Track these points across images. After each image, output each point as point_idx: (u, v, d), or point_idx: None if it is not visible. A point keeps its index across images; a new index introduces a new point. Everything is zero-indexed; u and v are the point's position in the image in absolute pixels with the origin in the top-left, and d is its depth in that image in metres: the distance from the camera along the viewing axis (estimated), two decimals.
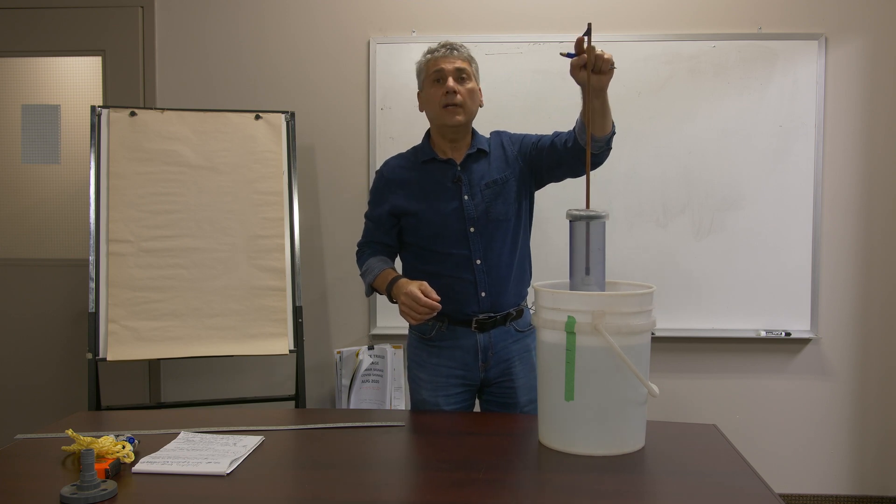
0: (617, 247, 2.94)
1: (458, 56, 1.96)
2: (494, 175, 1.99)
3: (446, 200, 1.96)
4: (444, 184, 1.98)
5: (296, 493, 1.31)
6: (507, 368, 2.00)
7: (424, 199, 1.97)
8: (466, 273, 1.94)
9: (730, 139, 2.96)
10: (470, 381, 2.01)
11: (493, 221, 1.96)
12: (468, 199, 1.96)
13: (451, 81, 1.93)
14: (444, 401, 1.99)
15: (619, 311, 1.51)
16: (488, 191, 1.97)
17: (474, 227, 1.95)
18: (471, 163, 1.99)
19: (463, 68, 1.95)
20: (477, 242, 1.95)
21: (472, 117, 2.00)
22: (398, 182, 2.01)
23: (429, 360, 2.01)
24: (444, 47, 1.97)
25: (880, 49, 2.96)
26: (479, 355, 1.98)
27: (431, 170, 2.00)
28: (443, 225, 1.95)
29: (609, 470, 1.45)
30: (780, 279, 2.97)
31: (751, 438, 3.02)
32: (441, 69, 1.94)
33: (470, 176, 1.98)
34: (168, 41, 3.13)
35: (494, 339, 1.98)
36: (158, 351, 2.65)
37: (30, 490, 1.34)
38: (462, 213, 1.95)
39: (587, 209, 1.66)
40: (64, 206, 3.23)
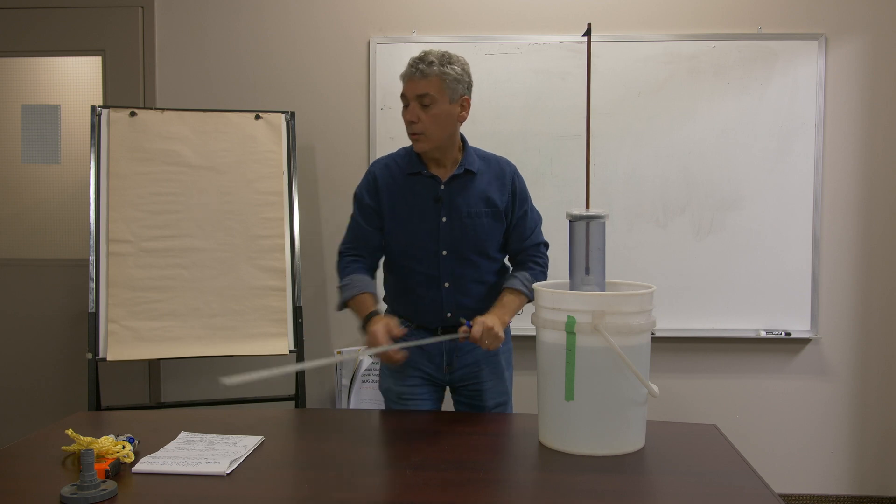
0: (617, 247, 2.94)
1: (423, 78, 1.81)
2: (477, 207, 1.91)
3: (423, 219, 1.90)
4: (425, 201, 1.90)
5: (296, 493, 1.31)
6: (474, 372, 2.00)
7: (403, 213, 1.91)
8: (433, 292, 1.92)
9: (730, 139, 2.96)
10: (435, 379, 2.02)
11: (468, 248, 1.91)
12: (445, 221, 1.89)
13: (411, 110, 1.83)
14: (409, 391, 1.99)
15: (619, 311, 1.51)
16: (469, 220, 1.90)
17: (447, 250, 1.90)
18: (456, 183, 1.90)
19: (425, 93, 1.81)
20: (447, 266, 1.90)
21: (441, 142, 1.87)
22: (385, 188, 1.94)
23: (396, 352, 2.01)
24: (412, 66, 1.84)
25: (880, 49, 2.96)
26: (443, 357, 1.99)
27: (415, 183, 1.91)
28: (415, 244, 1.91)
29: (609, 470, 1.45)
30: (780, 279, 2.97)
31: (751, 438, 3.02)
32: (403, 94, 1.86)
33: (452, 197, 1.90)
34: (168, 41, 3.13)
35: (460, 344, 1.97)
36: (158, 351, 2.64)
37: (30, 490, 1.34)
38: (437, 234, 1.89)
39: (587, 209, 1.66)
40: (64, 206, 3.23)
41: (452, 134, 1.90)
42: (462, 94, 1.87)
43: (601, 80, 2.95)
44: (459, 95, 1.86)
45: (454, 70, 1.84)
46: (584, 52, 1.89)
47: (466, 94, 1.88)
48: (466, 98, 1.88)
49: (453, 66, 1.84)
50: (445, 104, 1.84)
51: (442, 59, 1.83)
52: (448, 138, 1.89)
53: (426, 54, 1.84)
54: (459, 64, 1.86)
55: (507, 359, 2.06)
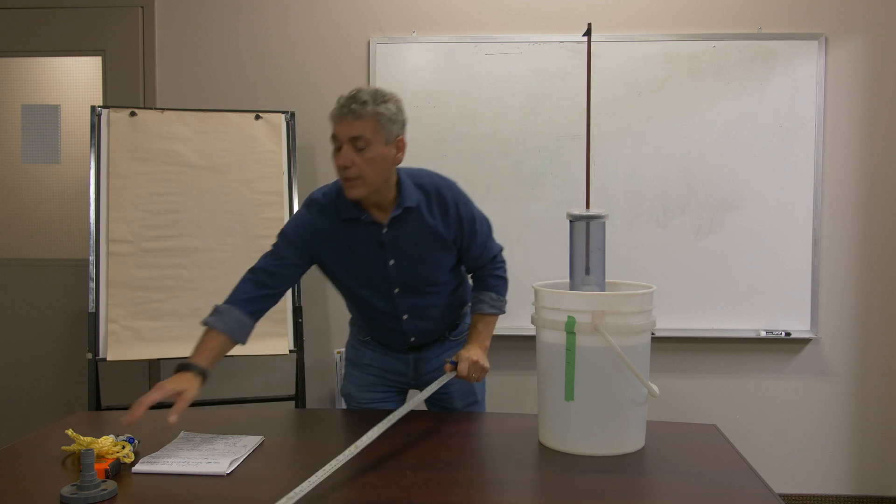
0: (617, 247, 2.94)
1: (356, 118, 1.64)
2: (425, 245, 1.80)
3: (370, 265, 1.81)
4: (368, 247, 1.79)
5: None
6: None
7: (347, 259, 1.81)
8: (393, 324, 1.90)
9: (730, 139, 2.96)
10: (401, 384, 2.03)
11: (419, 284, 1.85)
12: (393, 264, 1.80)
13: (344, 154, 1.65)
14: (369, 396, 2.00)
15: (619, 311, 1.51)
16: (416, 257, 1.81)
17: (399, 288, 1.84)
18: (398, 225, 1.77)
19: (359, 136, 1.64)
20: (402, 301, 1.86)
21: (378, 186, 1.71)
22: (323, 235, 1.80)
23: (361, 360, 2.02)
24: (343, 106, 1.65)
25: (880, 49, 2.96)
26: (410, 365, 2.00)
27: (355, 227, 1.78)
28: (367, 287, 1.84)
29: (609, 470, 1.45)
30: (780, 279, 2.97)
31: (751, 438, 3.02)
32: (335, 136, 1.68)
33: (396, 239, 1.78)
34: (168, 41, 3.13)
35: (426, 353, 1.99)
36: (158, 351, 2.64)
37: (30, 490, 1.34)
38: (387, 276, 1.81)
39: (587, 209, 1.66)
40: (64, 206, 3.23)
41: (389, 177, 1.74)
42: (397, 134, 1.71)
43: (601, 80, 2.95)
44: (395, 136, 1.70)
45: (388, 109, 1.68)
46: (584, 52, 1.89)
47: (402, 135, 1.73)
48: (402, 139, 1.73)
49: (387, 104, 1.68)
50: (381, 146, 1.67)
51: (375, 97, 1.67)
52: (384, 181, 1.73)
53: (358, 92, 1.66)
54: (394, 102, 1.70)
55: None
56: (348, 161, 1.65)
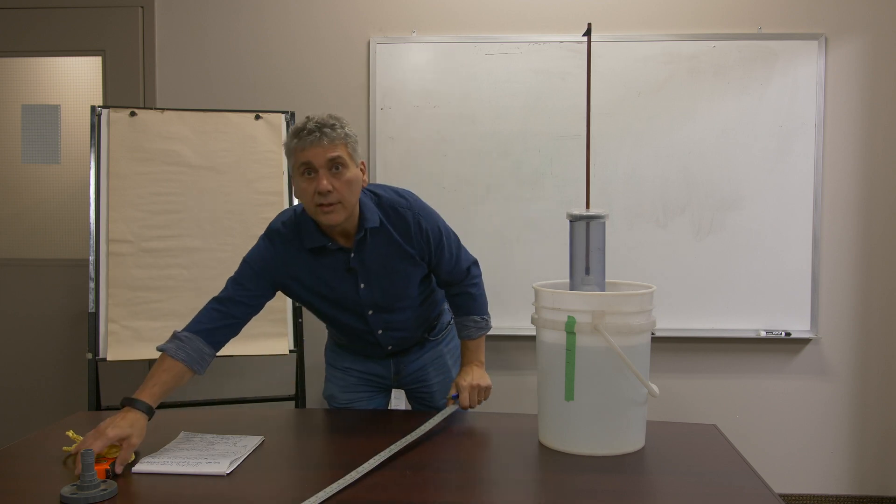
0: (617, 247, 2.94)
1: (330, 141, 1.60)
2: (393, 261, 1.78)
3: (340, 290, 1.78)
4: (337, 273, 1.77)
5: (296, 493, 1.31)
6: (420, 376, 2.03)
7: (316, 286, 1.78)
8: (369, 337, 1.91)
9: (730, 139, 2.96)
10: (382, 384, 2.05)
11: (391, 302, 1.83)
12: (364, 287, 1.78)
13: (324, 179, 1.60)
14: (353, 396, 2.02)
15: (619, 311, 1.51)
16: (385, 277, 1.79)
17: (372, 309, 1.83)
18: (363, 247, 1.74)
19: (337, 157, 1.61)
20: (376, 321, 1.86)
21: (353, 209, 1.68)
22: (287, 263, 1.76)
23: (342, 363, 2.04)
24: (311, 132, 1.60)
25: (880, 49, 2.96)
26: (390, 368, 2.02)
27: (321, 257, 1.75)
28: (339, 308, 1.83)
29: (609, 470, 1.45)
30: (780, 279, 2.97)
31: (751, 438, 3.02)
32: (308, 162, 1.61)
33: (363, 262, 1.75)
34: (168, 41, 3.13)
35: (406, 357, 2.01)
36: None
37: (30, 490, 1.34)
38: (358, 300, 1.80)
39: (587, 209, 1.66)
40: (64, 206, 3.23)
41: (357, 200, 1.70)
42: (360, 157, 1.71)
43: (601, 80, 2.95)
44: (360, 159, 1.70)
45: (352, 132, 1.67)
46: (584, 52, 1.89)
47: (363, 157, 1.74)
48: (363, 162, 1.72)
49: (349, 127, 1.67)
50: (354, 168, 1.65)
51: (339, 121, 1.65)
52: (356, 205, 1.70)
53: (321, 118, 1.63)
54: (350, 126, 1.69)
55: (452, 357, 2.07)
56: (329, 186, 1.60)
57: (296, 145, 1.62)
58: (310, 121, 1.63)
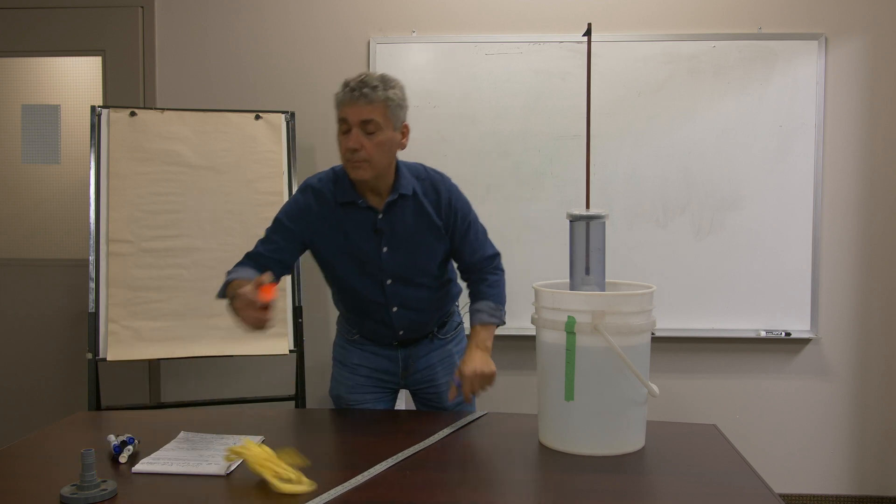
0: (617, 247, 2.94)
1: (367, 102, 1.66)
2: (419, 232, 1.82)
3: (363, 251, 1.81)
4: (363, 232, 1.80)
5: (295, 493, 1.31)
6: (429, 376, 2.00)
7: (341, 245, 1.81)
8: (383, 316, 1.89)
9: (730, 139, 2.96)
10: (391, 384, 2.02)
11: (411, 274, 1.84)
12: (387, 251, 1.81)
13: (354, 136, 1.67)
14: (360, 398, 1.99)
15: (619, 311, 1.51)
16: (410, 245, 1.82)
17: (392, 279, 1.84)
18: (393, 211, 1.79)
19: (370, 119, 1.66)
20: (394, 293, 1.86)
21: (383, 170, 1.75)
22: (318, 219, 1.81)
23: (350, 359, 2.01)
24: (353, 90, 1.66)
25: (880, 49, 2.96)
26: (399, 364, 1.99)
27: (351, 213, 1.80)
28: (357, 274, 1.83)
29: (609, 470, 1.45)
30: (780, 279, 2.97)
31: (751, 438, 3.02)
32: (345, 119, 1.69)
33: (391, 226, 1.80)
34: (168, 41, 3.13)
35: (415, 350, 1.99)
36: (158, 351, 2.64)
37: (30, 490, 1.34)
38: (379, 264, 1.82)
39: (587, 209, 1.66)
40: (64, 206, 3.23)
41: (392, 162, 1.77)
42: (403, 119, 1.74)
43: (601, 80, 2.95)
44: (401, 122, 1.74)
45: (396, 95, 1.70)
46: (584, 52, 1.89)
47: (406, 121, 1.76)
48: (406, 125, 1.76)
49: (395, 90, 1.70)
50: (389, 131, 1.70)
51: (385, 82, 1.69)
52: (388, 166, 1.76)
53: (367, 77, 1.68)
54: (400, 88, 1.72)
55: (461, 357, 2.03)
56: (358, 144, 1.67)
57: (339, 99, 1.71)
58: (358, 78, 1.69)
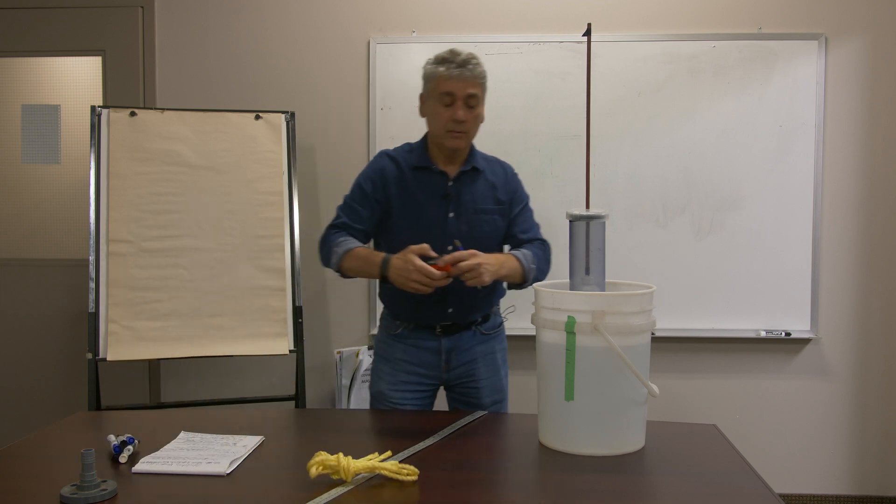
0: (617, 247, 2.94)
1: (471, 78, 1.83)
2: (485, 204, 1.94)
3: (432, 214, 1.91)
4: (433, 196, 1.92)
5: (296, 493, 1.31)
6: (470, 370, 2.01)
7: (410, 208, 1.92)
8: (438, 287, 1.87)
9: (730, 139, 2.96)
10: (432, 380, 2.02)
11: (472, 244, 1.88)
12: (453, 217, 1.92)
13: (461, 110, 1.83)
14: (399, 395, 2.00)
15: (619, 311, 1.51)
16: (476, 216, 1.93)
17: (453, 247, 1.86)
18: (463, 180, 1.94)
19: (474, 94, 1.85)
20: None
21: (473, 139, 1.95)
22: (393, 181, 1.94)
23: (394, 355, 2.02)
24: (459, 66, 1.82)
25: (880, 49, 2.96)
26: (441, 356, 2.00)
27: (423, 177, 1.93)
28: (424, 236, 1.86)
29: (609, 470, 1.45)
30: (780, 279, 2.97)
31: (751, 438, 3.02)
32: (453, 93, 1.83)
33: (460, 194, 1.93)
34: (168, 41, 3.13)
35: (458, 342, 2.00)
36: (158, 351, 2.64)
37: (30, 490, 1.34)
38: (444, 230, 1.90)
39: (587, 209, 1.66)
40: (64, 206, 3.23)
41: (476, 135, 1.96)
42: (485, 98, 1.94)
43: (601, 80, 2.95)
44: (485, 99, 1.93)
45: (485, 71, 1.90)
46: (584, 52, 1.89)
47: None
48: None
49: (483, 66, 1.89)
50: (482, 106, 1.90)
51: (478, 60, 1.87)
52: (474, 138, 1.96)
53: (467, 54, 1.85)
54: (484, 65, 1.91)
55: (502, 357, 2.09)
56: (465, 117, 1.83)
57: (441, 73, 1.83)
58: (456, 54, 1.83)
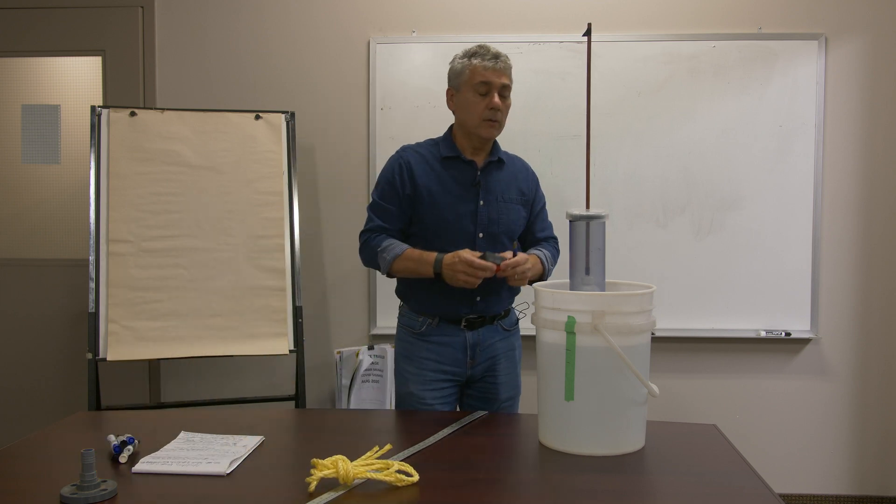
0: (617, 247, 2.94)
1: (505, 69, 1.93)
2: (511, 193, 2.02)
3: (463, 201, 1.97)
4: (462, 185, 1.97)
5: (296, 494, 1.31)
6: (492, 365, 2.05)
7: (440, 197, 1.96)
8: None
9: (730, 139, 2.96)
10: (457, 376, 2.04)
11: (501, 232, 1.99)
12: (483, 205, 1.97)
13: (497, 98, 1.91)
14: (430, 395, 2.01)
15: (619, 311, 1.51)
16: (503, 204, 2.00)
17: (483, 233, 1.97)
18: (491, 170, 2.01)
19: (507, 84, 1.94)
20: (483, 250, 1.95)
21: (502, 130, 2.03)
22: (420, 173, 1.97)
23: (418, 354, 2.03)
24: (493, 57, 1.91)
25: (880, 49, 2.96)
26: (467, 352, 2.02)
27: (452, 167, 1.99)
28: (455, 224, 1.95)
29: (609, 470, 1.45)
30: (780, 279, 2.97)
31: (751, 438, 3.02)
32: (489, 82, 1.91)
33: (488, 183, 1.99)
34: (168, 41, 3.13)
35: (483, 337, 2.02)
36: (158, 351, 2.64)
37: (30, 490, 1.34)
38: (475, 216, 1.97)
39: (587, 209, 1.66)
40: (64, 206, 3.23)
41: None
42: None
43: (601, 80, 2.95)
44: None
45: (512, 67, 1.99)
46: (584, 52, 1.89)
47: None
48: None
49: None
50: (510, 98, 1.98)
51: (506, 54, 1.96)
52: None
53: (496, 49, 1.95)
54: None
55: (519, 353, 2.14)
56: (501, 105, 1.91)
57: (477, 64, 1.92)
58: (488, 49, 1.93)
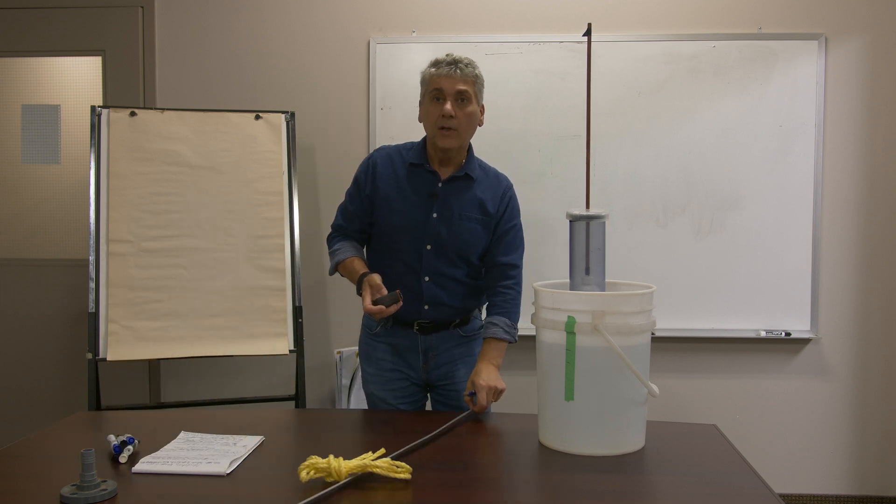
0: (617, 247, 2.94)
1: (462, 76, 1.87)
2: (471, 212, 1.94)
3: (417, 210, 1.93)
4: (420, 194, 1.93)
5: (296, 494, 1.31)
6: (449, 372, 2.03)
7: (396, 202, 1.94)
8: (413, 284, 1.94)
9: (730, 139, 2.96)
10: (414, 379, 2.04)
11: (452, 249, 1.94)
12: (436, 217, 1.92)
13: (450, 104, 1.86)
14: (392, 395, 2.02)
15: (619, 311, 1.51)
16: (459, 222, 1.93)
17: (431, 245, 1.92)
18: (454, 184, 1.94)
19: (464, 90, 1.87)
20: (429, 261, 1.93)
21: (467, 140, 1.95)
22: (382, 175, 1.96)
23: (374, 354, 2.05)
24: (448, 64, 1.87)
25: (880, 49, 2.96)
26: (420, 356, 2.01)
27: (415, 175, 1.95)
28: (404, 231, 1.93)
29: (609, 470, 1.45)
30: (780, 279, 2.97)
31: (751, 438, 3.02)
32: (441, 88, 1.87)
33: (447, 196, 1.93)
34: (168, 41, 3.13)
35: (436, 342, 2.01)
36: (158, 351, 2.64)
37: (30, 490, 1.34)
38: (425, 228, 1.92)
39: (587, 209, 1.66)
40: (64, 206, 3.23)
41: (470, 138, 1.97)
42: (482, 100, 1.96)
43: (601, 80, 2.95)
44: (481, 100, 1.95)
45: (481, 75, 1.93)
46: (584, 52, 1.89)
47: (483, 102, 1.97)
48: (483, 105, 1.97)
49: (479, 70, 1.93)
50: (475, 105, 1.91)
51: (473, 63, 1.91)
52: (469, 139, 1.96)
53: (459, 56, 1.89)
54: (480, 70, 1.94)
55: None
56: (453, 111, 1.85)
57: (432, 73, 1.89)
58: (449, 56, 1.89)
